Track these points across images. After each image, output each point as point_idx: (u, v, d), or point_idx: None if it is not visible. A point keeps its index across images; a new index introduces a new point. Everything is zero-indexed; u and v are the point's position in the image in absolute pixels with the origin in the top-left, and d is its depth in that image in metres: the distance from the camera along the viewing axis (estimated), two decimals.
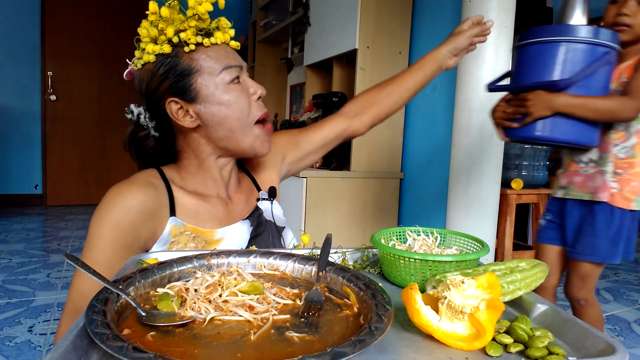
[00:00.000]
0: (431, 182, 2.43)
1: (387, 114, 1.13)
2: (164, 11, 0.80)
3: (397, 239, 0.74)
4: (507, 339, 0.45)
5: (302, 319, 0.48)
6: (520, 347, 0.45)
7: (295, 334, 0.44)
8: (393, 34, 2.41)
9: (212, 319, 0.46)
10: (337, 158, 2.42)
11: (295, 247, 0.77)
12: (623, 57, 1.17)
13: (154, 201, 0.82)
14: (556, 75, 1.02)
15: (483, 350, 0.44)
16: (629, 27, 1.13)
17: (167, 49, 0.81)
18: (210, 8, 0.81)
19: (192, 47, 0.81)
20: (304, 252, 0.70)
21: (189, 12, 0.81)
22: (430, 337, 0.46)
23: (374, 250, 0.75)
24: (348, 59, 2.58)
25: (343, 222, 2.43)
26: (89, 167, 4.53)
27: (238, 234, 0.90)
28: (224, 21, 0.86)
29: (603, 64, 1.00)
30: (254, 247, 0.69)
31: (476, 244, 0.68)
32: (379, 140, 2.47)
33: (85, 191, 4.52)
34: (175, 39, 0.81)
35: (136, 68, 0.86)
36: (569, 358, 0.43)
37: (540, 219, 1.43)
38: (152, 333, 0.44)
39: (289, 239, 1.02)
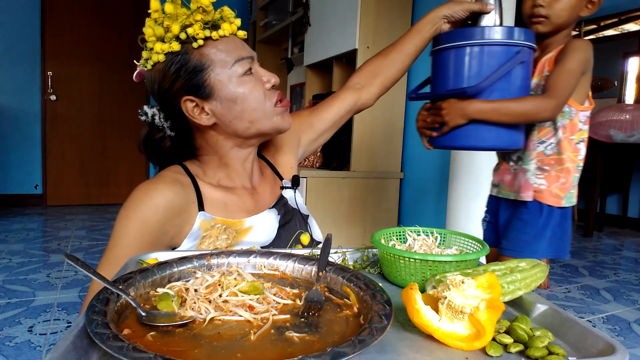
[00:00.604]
0: (431, 182, 2.43)
1: (393, 81, 1.13)
2: (168, 7, 0.78)
3: (397, 239, 0.74)
4: (507, 339, 0.45)
5: (302, 319, 0.48)
6: (520, 347, 0.45)
7: (295, 334, 0.44)
8: (393, 34, 2.41)
9: (212, 319, 0.46)
10: (337, 158, 2.42)
11: (295, 247, 0.77)
12: (546, 48, 1.13)
13: (181, 198, 0.82)
14: (468, 81, 0.98)
15: (483, 350, 0.44)
16: (546, 18, 1.09)
17: (175, 46, 0.79)
18: None
19: (201, 42, 0.80)
20: (304, 252, 0.70)
21: (192, 6, 0.79)
22: (430, 337, 0.46)
23: (374, 250, 0.75)
24: (348, 59, 2.58)
25: (343, 222, 2.42)
26: (89, 167, 4.53)
27: (266, 222, 0.90)
28: (227, 11, 0.84)
29: (515, 64, 0.95)
30: (254, 248, 0.69)
31: (476, 244, 0.68)
32: (379, 140, 2.47)
33: (85, 191, 4.52)
34: (182, 36, 0.79)
35: (146, 69, 0.84)
36: (569, 358, 0.43)
37: (482, 220, 1.38)
38: (152, 333, 0.44)
39: (315, 227, 1.01)
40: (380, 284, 0.52)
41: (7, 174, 4.26)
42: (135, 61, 0.88)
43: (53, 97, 4.30)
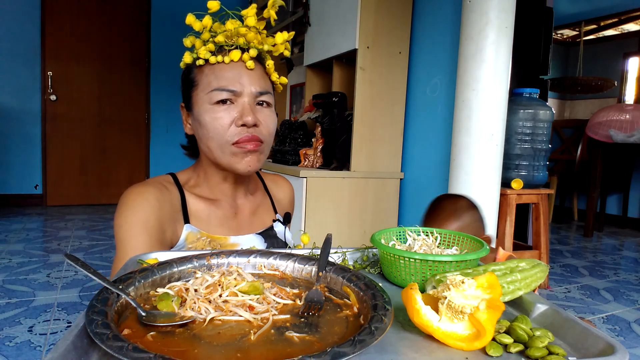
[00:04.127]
0: (431, 182, 2.43)
1: None
2: (204, 21, 0.84)
3: (397, 239, 0.74)
4: (507, 339, 0.45)
5: (302, 319, 0.48)
6: (520, 347, 0.45)
7: (295, 334, 0.44)
8: (393, 34, 2.41)
9: (212, 319, 0.46)
10: (337, 158, 2.42)
11: (295, 247, 0.77)
12: None
13: (169, 201, 0.85)
14: None
15: (483, 350, 0.44)
16: None
17: (187, 58, 0.85)
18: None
19: (201, 62, 0.84)
20: (304, 252, 0.70)
21: (219, 28, 0.85)
22: (430, 337, 0.46)
23: (374, 250, 0.75)
24: (348, 59, 2.57)
25: (343, 222, 2.42)
26: (89, 167, 4.53)
27: (252, 244, 0.92)
28: (279, 37, 0.93)
29: None
30: (254, 247, 0.69)
31: (476, 244, 0.68)
32: (379, 140, 2.47)
33: (85, 191, 4.52)
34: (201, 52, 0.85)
35: None
36: (569, 358, 0.43)
37: None
38: (152, 333, 0.44)
39: None
40: (380, 284, 0.52)
41: (7, 174, 4.26)
42: None
43: (53, 97, 4.29)
